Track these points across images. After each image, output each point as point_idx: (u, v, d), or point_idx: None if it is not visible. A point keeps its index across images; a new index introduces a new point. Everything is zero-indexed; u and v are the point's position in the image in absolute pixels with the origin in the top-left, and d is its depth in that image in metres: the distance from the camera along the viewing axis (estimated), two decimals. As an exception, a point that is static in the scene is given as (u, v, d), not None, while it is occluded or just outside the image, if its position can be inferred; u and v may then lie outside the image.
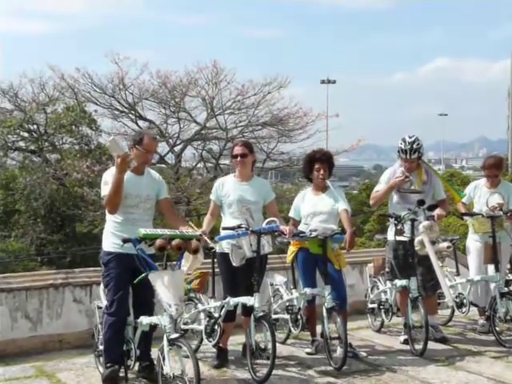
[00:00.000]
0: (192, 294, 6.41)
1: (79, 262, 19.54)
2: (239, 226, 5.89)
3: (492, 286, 7.04)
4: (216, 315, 6.11)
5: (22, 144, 26.11)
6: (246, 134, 26.93)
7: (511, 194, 7.38)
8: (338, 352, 6.06)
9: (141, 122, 26.57)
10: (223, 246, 6.08)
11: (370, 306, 7.45)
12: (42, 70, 25.27)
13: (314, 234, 6.24)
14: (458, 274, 7.54)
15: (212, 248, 6.06)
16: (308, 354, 6.53)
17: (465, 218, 7.36)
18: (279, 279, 6.95)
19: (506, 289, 6.85)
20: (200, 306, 6.31)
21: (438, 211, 6.70)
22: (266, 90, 26.19)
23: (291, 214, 6.75)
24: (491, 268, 7.00)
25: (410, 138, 6.75)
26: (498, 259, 6.98)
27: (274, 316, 6.81)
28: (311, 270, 6.48)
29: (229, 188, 6.24)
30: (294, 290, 6.64)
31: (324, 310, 6.15)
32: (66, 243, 24.56)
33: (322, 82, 58.70)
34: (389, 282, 7.07)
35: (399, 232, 6.78)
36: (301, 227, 6.50)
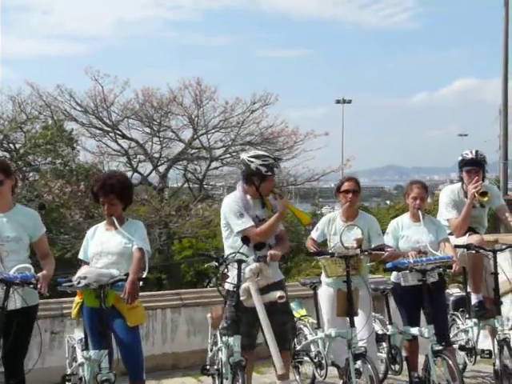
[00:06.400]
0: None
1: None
2: None
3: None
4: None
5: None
6: (234, 154, 25.79)
7: (372, 227, 5.81)
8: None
9: (122, 141, 25.63)
10: None
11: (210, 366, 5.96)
12: (21, 88, 24.47)
13: (83, 282, 4.73)
14: (318, 326, 5.98)
15: None
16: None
17: (316, 258, 5.80)
18: (78, 336, 5.54)
19: (361, 349, 5.31)
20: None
21: (272, 250, 5.25)
22: (254, 108, 25.25)
23: (80, 254, 5.27)
24: (347, 322, 5.48)
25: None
26: (355, 311, 5.47)
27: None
28: (98, 327, 5.00)
29: None
30: (85, 352, 5.20)
31: None
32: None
33: (338, 101, 56.89)
34: (223, 337, 5.60)
35: (223, 277, 5.35)
36: None
